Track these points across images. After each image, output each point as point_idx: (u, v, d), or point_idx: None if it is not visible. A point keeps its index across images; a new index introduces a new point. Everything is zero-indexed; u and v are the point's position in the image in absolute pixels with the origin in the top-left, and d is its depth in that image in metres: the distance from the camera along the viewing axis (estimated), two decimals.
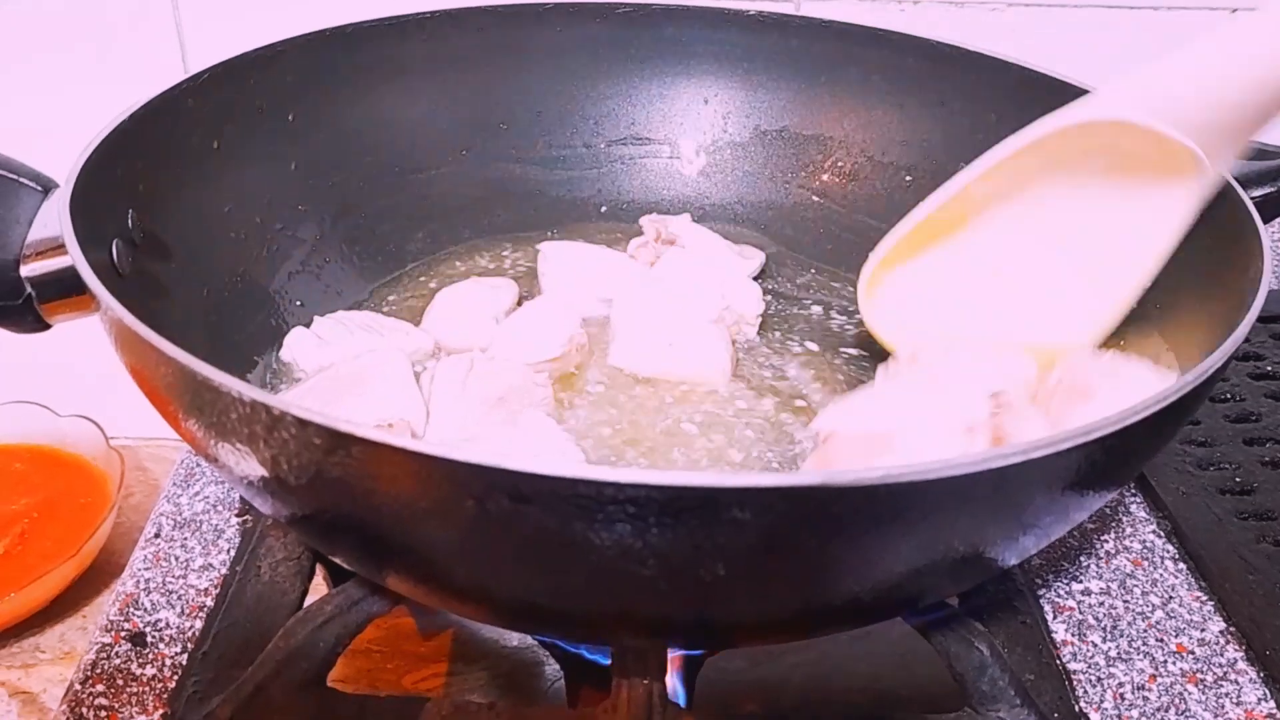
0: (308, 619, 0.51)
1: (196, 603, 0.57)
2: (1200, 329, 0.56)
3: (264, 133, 0.69)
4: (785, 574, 0.40)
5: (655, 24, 0.80)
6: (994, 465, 0.37)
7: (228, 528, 0.62)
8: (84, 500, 1.04)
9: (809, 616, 0.45)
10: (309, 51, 0.71)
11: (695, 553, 0.38)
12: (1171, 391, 0.41)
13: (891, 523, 0.38)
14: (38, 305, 0.52)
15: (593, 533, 0.37)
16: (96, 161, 0.54)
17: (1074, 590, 0.60)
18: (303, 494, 0.43)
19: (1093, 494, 0.45)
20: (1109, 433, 0.39)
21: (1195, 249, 0.58)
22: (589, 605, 0.44)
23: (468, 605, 0.49)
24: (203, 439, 0.44)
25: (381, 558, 0.46)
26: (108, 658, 0.54)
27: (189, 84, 0.63)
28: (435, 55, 0.77)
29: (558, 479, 0.36)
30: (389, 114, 0.76)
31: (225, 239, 0.65)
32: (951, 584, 0.49)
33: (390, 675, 0.87)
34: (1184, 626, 0.59)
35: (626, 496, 0.36)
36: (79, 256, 0.47)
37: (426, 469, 0.37)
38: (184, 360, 0.40)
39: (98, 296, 0.45)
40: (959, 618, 0.53)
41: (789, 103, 0.81)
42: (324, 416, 0.37)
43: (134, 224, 0.56)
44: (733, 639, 0.49)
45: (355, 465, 0.38)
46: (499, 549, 0.40)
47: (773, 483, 0.36)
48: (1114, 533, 0.64)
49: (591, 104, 0.81)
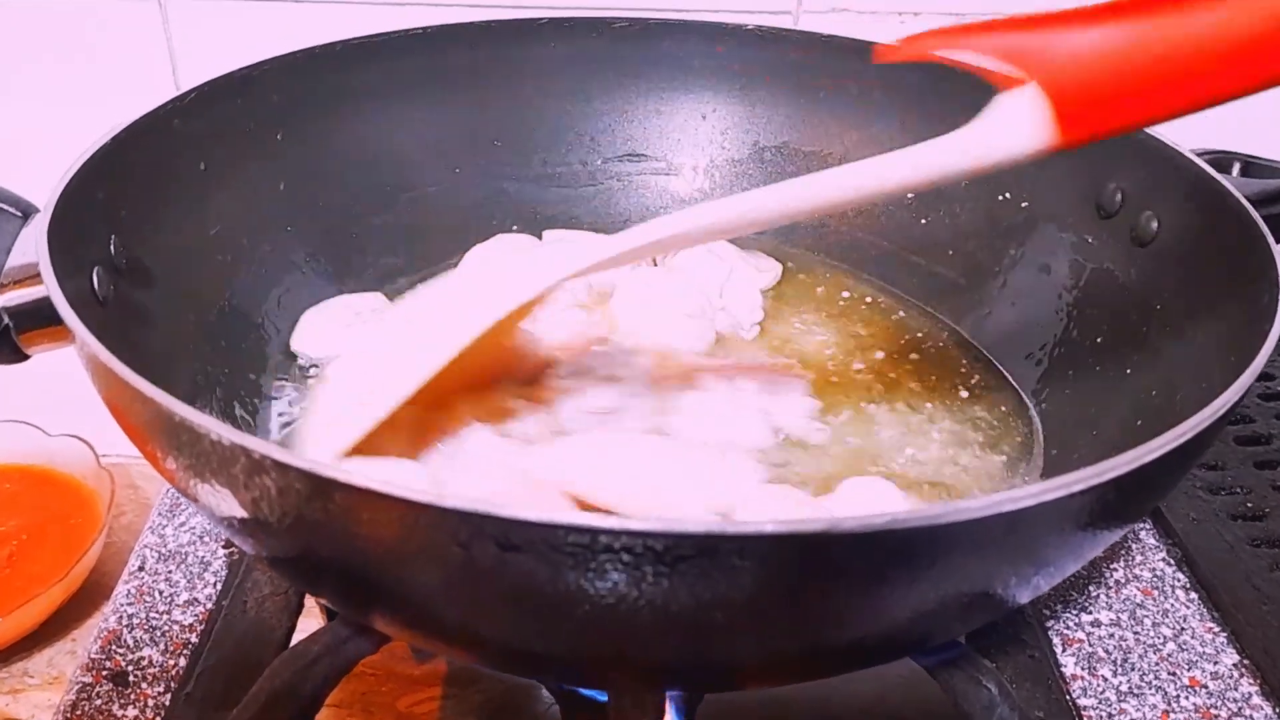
0: (294, 659, 0.49)
1: (181, 639, 0.55)
2: (1209, 352, 0.54)
3: (252, 153, 0.67)
4: (787, 621, 0.39)
5: (652, 39, 0.79)
6: (1006, 509, 0.36)
7: (214, 559, 0.60)
8: (74, 521, 1.02)
9: (812, 661, 0.44)
10: (298, 70, 0.69)
11: (693, 601, 0.36)
12: (1189, 427, 0.40)
13: (898, 568, 0.37)
14: (15, 336, 0.51)
15: (586, 581, 0.35)
16: (77, 186, 0.53)
17: (1083, 621, 0.59)
18: (284, 536, 0.41)
19: (1106, 532, 0.43)
20: (1123, 472, 0.38)
21: (1204, 269, 0.57)
22: (582, 652, 0.42)
23: (456, 649, 0.47)
24: (182, 478, 0.43)
25: (367, 601, 0.44)
26: (88, 698, 0.52)
27: (175, 104, 0.62)
28: (427, 72, 0.75)
29: (547, 526, 0.34)
30: (379, 132, 0.74)
31: (212, 262, 0.64)
32: (961, 624, 0.47)
33: (385, 699, 0.85)
34: (1196, 659, 0.57)
35: (621, 545, 0.34)
36: (54, 287, 0.46)
37: (411, 515, 0.36)
38: (161, 400, 0.39)
39: (72, 329, 0.44)
40: (966, 654, 0.51)
41: (788, 118, 0.80)
42: (305, 461, 0.36)
43: (116, 250, 0.55)
44: (732, 683, 0.47)
45: (338, 510, 0.37)
46: (488, 596, 0.39)
47: (774, 530, 0.34)
48: (1123, 561, 0.63)
49: (587, 120, 0.80)
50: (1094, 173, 0.66)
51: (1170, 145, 0.62)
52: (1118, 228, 0.65)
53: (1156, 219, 0.62)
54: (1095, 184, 0.66)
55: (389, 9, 0.86)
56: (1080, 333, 0.65)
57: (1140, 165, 0.64)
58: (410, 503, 0.35)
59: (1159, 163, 0.62)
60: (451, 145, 0.77)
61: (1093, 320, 0.65)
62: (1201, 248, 0.59)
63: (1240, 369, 0.44)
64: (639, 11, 0.79)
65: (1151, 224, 0.62)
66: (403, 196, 0.75)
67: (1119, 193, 0.65)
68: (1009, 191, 0.72)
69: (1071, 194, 0.68)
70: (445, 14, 0.80)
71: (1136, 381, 0.59)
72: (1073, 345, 0.65)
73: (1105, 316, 0.64)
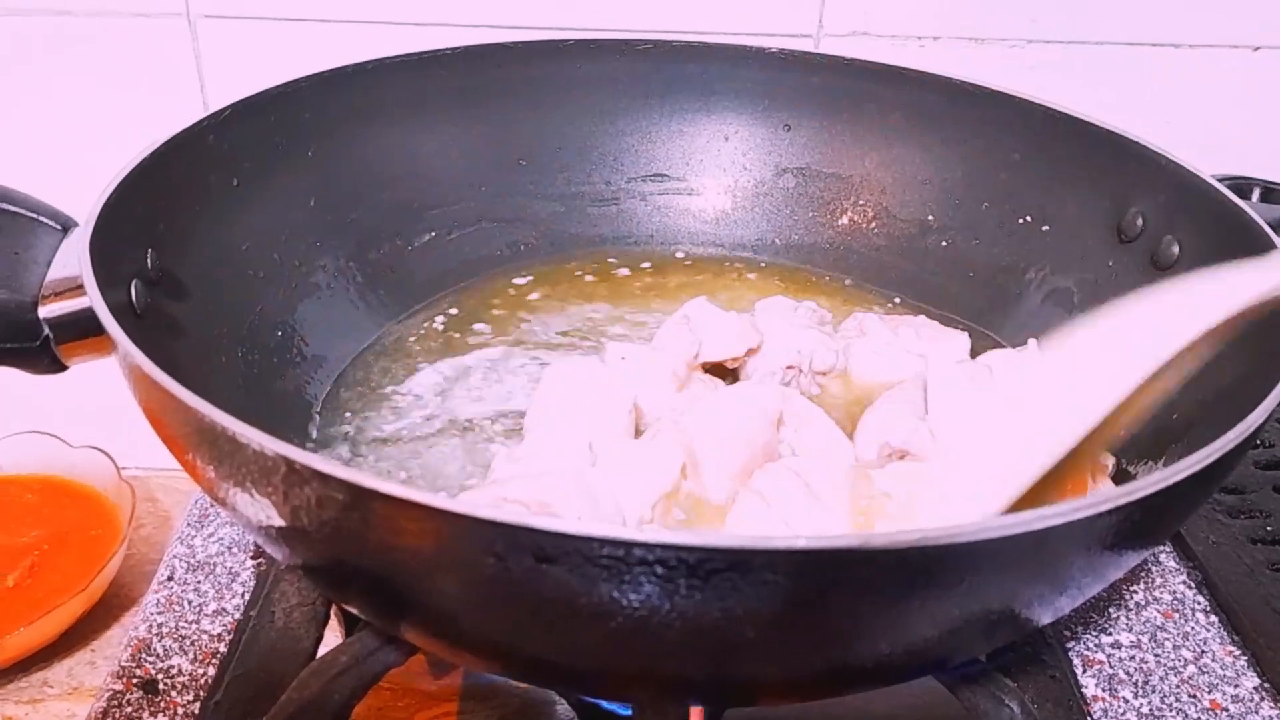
0: (322, 670, 0.50)
1: (209, 649, 0.56)
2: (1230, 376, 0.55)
3: (283, 169, 0.68)
4: (816, 636, 0.39)
5: (676, 61, 0.80)
6: (1033, 527, 0.36)
7: (242, 570, 0.61)
8: (95, 532, 1.03)
9: (839, 677, 0.44)
10: (328, 88, 0.70)
11: (724, 615, 0.37)
12: (1213, 451, 0.40)
13: (927, 585, 0.37)
14: (55, 347, 0.52)
15: (619, 594, 0.36)
16: (117, 200, 0.54)
17: (1103, 643, 0.59)
18: (321, 545, 0.42)
19: (1130, 553, 0.44)
20: (1149, 493, 0.38)
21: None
22: (612, 664, 0.42)
23: (484, 660, 0.48)
24: (220, 486, 0.43)
25: (398, 610, 0.45)
26: (119, 705, 0.53)
27: (209, 121, 0.63)
28: (454, 92, 0.76)
29: (583, 539, 0.35)
30: (407, 150, 0.75)
31: (243, 277, 0.65)
32: (984, 643, 0.48)
33: (401, 713, 0.85)
34: (1217, 682, 0.57)
35: (655, 558, 0.35)
36: (98, 299, 0.47)
37: (449, 526, 0.36)
38: (205, 411, 0.40)
39: (116, 340, 0.45)
40: (987, 673, 0.51)
41: (810, 141, 0.80)
42: (346, 471, 0.37)
43: (153, 263, 0.56)
44: (758, 698, 0.48)
45: (377, 520, 0.38)
46: (521, 607, 0.39)
47: (805, 545, 0.35)
48: (1143, 583, 0.63)
49: (611, 140, 0.81)
50: (1115, 197, 0.67)
51: (1191, 170, 0.63)
52: (1138, 252, 0.65)
53: (1177, 243, 0.63)
54: (1116, 208, 0.67)
55: (414, 29, 0.87)
56: None
57: (1161, 190, 0.64)
58: (448, 514, 0.36)
59: (1180, 187, 0.63)
60: (478, 163, 0.78)
61: None
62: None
63: (1263, 394, 0.45)
64: (663, 34, 0.80)
65: (1172, 248, 0.63)
66: (429, 214, 0.76)
67: (1140, 217, 0.66)
68: (1029, 215, 0.73)
69: (1092, 218, 0.68)
70: (471, 35, 0.81)
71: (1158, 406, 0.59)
72: None
73: None
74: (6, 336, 0.51)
